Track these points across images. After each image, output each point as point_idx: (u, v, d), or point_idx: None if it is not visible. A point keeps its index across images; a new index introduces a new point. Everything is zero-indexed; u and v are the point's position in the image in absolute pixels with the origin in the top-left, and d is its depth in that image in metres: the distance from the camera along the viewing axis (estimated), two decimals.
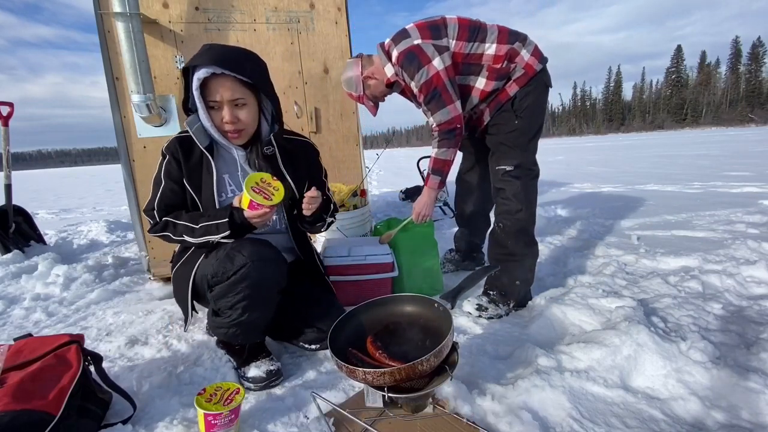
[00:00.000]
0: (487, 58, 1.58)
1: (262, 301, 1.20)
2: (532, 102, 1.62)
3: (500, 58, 1.58)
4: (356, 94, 1.74)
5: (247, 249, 1.16)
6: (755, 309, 1.51)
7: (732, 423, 0.97)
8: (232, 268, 1.14)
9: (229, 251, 1.17)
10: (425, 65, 1.52)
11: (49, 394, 0.93)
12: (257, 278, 1.15)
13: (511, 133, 1.64)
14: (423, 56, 1.52)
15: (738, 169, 6.50)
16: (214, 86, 1.16)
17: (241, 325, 1.20)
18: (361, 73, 1.69)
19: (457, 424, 0.98)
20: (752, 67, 70.78)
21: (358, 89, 1.72)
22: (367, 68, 1.70)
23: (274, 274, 1.20)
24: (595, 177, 6.72)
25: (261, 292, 1.18)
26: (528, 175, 1.66)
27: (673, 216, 3.29)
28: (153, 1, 2.28)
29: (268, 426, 1.06)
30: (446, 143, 1.59)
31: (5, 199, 2.88)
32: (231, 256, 1.15)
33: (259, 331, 1.28)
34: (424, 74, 1.52)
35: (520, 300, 1.70)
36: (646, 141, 24.61)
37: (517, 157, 1.64)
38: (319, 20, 2.55)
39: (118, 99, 2.27)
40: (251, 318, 1.20)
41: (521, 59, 1.59)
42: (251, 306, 1.18)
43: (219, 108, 1.20)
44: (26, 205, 3.20)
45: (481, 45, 1.58)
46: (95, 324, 1.82)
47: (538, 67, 1.61)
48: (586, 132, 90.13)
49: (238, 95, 1.19)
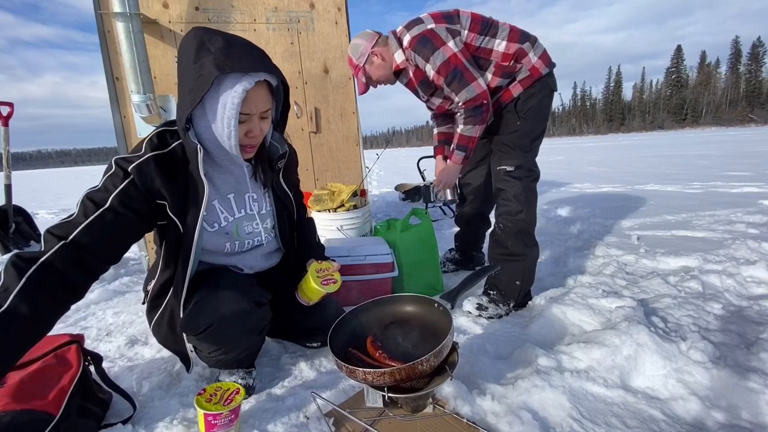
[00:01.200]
0: (496, 55, 1.58)
1: (239, 346, 1.15)
2: (535, 104, 1.62)
3: (509, 56, 1.58)
4: (356, 62, 1.70)
5: (211, 305, 1.05)
6: (755, 309, 1.51)
7: (732, 423, 0.97)
8: (198, 328, 1.05)
9: (193, 307, 1.07)
10: (440, 47, 1.50)
11: (49, 394, 0.93)
12: (226, 333, 1.08)
13: (513, 134, 1.64)
14: (437, 39, 1.51)
15: (738, 169, 6.50)
16: (252, 97, 0.97)
17: (224, 363, 1.17)
18: (371, 47, 1.66)
19: (457, 424, 0.98)
20: (752, 67, 70.80)
21: (360, 59, 1.68)
22: (379, 46, 1.67)
23: (246, 324, 1.11)
24: (595, 177, 6.72)
25: (234, 343, 1.12)
26: (529, 177, 1.66)
27: (673, 216, 3.29)
28: (153, 1, 2.28)
29: (268, 426, 1.06)
30: (472, 120, 1.56)
31: (5, 199, 2.88)
32: (195, 313, 1.06)
33: (247, 361, 1.23)
34: (441, 56, 1.50)
35: (520, 300, 1.70)
36: (646, 141, 24.61)
37: (519, 158, 1.64)
38: (319, 20, 2.55)
39: (118, 99, 2.27)
40: (233, 357, 1.16)
41: (528, 61, 1.58)
42: (229, 351, 1.13)
43: (247, 121, 1.01)
44: (26, 205, 3.20)
45: (492, 40, 1.57)
46: (95, 324, 1.82)
47: (544, 71, 1.60)
48: (586, 132, 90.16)
49: (269, 106, 1.04)
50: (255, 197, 1.22)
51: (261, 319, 1.17)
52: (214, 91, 0.94)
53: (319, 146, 2.72)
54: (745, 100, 69.14)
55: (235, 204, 1.18)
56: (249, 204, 1.21)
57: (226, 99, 0.93)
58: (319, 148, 2.72)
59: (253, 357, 1.28)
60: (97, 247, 0.90)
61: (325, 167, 2.76)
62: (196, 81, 0.91)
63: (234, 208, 1.17)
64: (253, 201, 1.22)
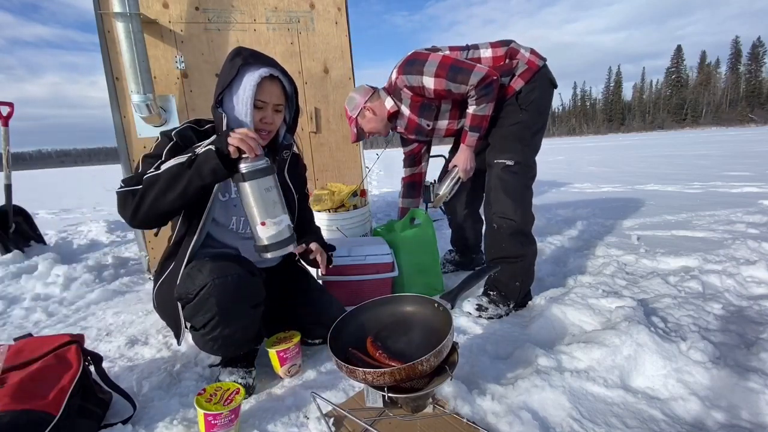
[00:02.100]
0: (486, 61, 1.63)
1: (234, 317, 1.13)
2: (537, 97, 1.63)
3: (500, 58, 1.63)
4: (350, 113, 1.84)
5: (207, 267, 1.10)
6: (755, 309, 1.51)
7: (732, 423, 0.97)
8: (194, 288, 1.09)
9: (190, 270, 1.12)
10: (428, 58, 1.58)
11: (49, 394, 0.93)
12: (221, 296, 1.08)
13: (514, 126, 1.64)
14: (422, 55, 1.60)
15: (738, 169, 6.50)
16: (267, 87, 1.21)
17: (218, 340, 1.14)
18: (364, 102, 1.79)
19: (457, 424, 0.98)
20: (752, 67, 70.83)
21: (354, 112, 1.82)
22: (372, 101, 1.79)
23: (241, 289, 1.13)
24: (595, 177, 6.72)
25: (229, 309, 1.11)
26: (526, 174, 1.65)
27: (673, 216, 3.29)
28: (153, 1, 2.28)
29: (268, 426, 1.06)
30: (485, 99, 1.56)
31: (5, 199, 2.87)
32: (192, 275, 1.11)
33: (242, 343, 1.21)
34: (432, 63, 1.56)
35: (520, 300, 1.70)
36: (646, 141, 24.62)
37: (518, 153, 1.63)
38: (319, 20, 2.55)
39: (118, 99, 2.27)
40: (227, 333, 1.14)
41: (522, 56, 1.62)
42: (223, 322, 1.11)
43: (263, 108, 1.22)
44: (26, 205, 3.19)
45: (477, 51, 1.65)
46: (95, 324, 1.82)
47: (540, 63, 1.64)
48: (586, 132, 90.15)
49: (282, 101, 1.27)
50: None
51: (255, 287, 1.18)
52: (239, 78, 1.17)
53: (319, 146, 2.72)
54: (745, 100, 69.15)
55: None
56: None
57: (247, 83, 1.17)
58: (319, 148, 2.72)
59: (251, 341, 1.26)
60: None
61: (325, 167, 2.76)
62: (228, 71, 1.18)
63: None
64: None
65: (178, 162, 1.07)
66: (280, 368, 1.28)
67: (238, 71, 1.16)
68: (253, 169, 1.03)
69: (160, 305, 1.27)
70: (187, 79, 2.38)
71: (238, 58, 1.18)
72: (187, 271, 1.14)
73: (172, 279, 1.18)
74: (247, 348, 1.26)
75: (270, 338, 1.31)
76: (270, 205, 1.05)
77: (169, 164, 1.07)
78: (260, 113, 1.22)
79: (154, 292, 1.28)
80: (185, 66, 2.35)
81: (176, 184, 1.05)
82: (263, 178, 1.04)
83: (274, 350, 1.25)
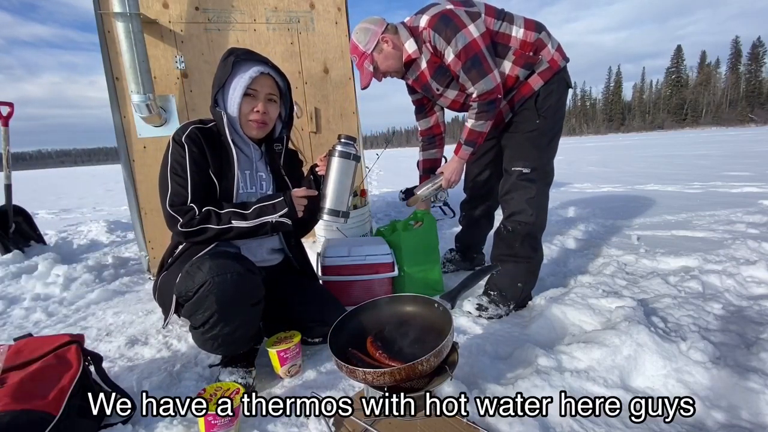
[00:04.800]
0: (515, 41, 1.54)
1: (233, 315, 1.14)
2: (555, 102, 1.60)
3: (529, 45, 1.54)
4: (363, 48, 1.55)
5: (206, 265, 1.10)
6: (755, 309, 1.51)
7: (732, 423, 0.97)
8: (193, 286, 1.10)
9: (189, 268, 1.13)
10: (462, 29, 1.43)
11: (50, 394, 0.93)
12: (221, 294, 1.09)
13: (531, 132, 1.61)
14: (458, 20, 1.44)
15: (738, 169, 6.50)
16: (259, 80, 1.29)
17: (218, 338, 1.14)
18: (381, 32, 1.54)
19: (457, 424, 0.98)
20: (752, 67, 70.75)
21: (369, 46, 1.54)
22: (390, 33, 1.55)
23: (240, 287, 1.13)
24: (595, 177, 6.72)
25: (228, 307, 1.11)
26: (543, 180, 1.64)
27: (673, 216, 3.29)
28: (153, 1, 2.28)
29: (268, 426, 1.06)
30: (485, 115, 1.52)
31: (5, 199, 2.87)
32: (191, 273, 1.11)
33: (241, 341, 1.21)
34: (462, 39, 1.43)
35: (520, 300, 1.70)
36: (646, 141, 24.61)
37: (535, 160, 1.61)
38: (319, 20, 2.55)
39: (118, 99, 2.27)
40: (227, 331, 1.14)
41: (547, 52, 1.56)
42: (222, 320, 1.12)
43: (255, 97, 1.30)
44: (26, 205, 3.19)
45: (510, 26, 1.54)
46: (95, 324, 1.82)
47: (562, 63, 1.59)
48: (586, 132, 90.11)
49: (274, 91, 1.35)
50: (263, 177, 1.43)
51: (254, 285, 1.18)
52: (232, 76, 1.27)
53: (319, 146, 2.72)
54: (745, 100, 69.11)
55: (249, 179, 1.39)
56: (258, 182, 1.42)
57: (240, 79, 1.26)
58: (319, 148, 2.72)
59: (250, 340, 1.26)
60: (206, 194, 1.26)
61: None
62: (222, 70, 1.27)
63: (248, 182, 1.39)
64: (262, 180, 1.43)
65: (252, 225, 1.23)
66: (280, 368, 1.28)
67: (232, 69, 1.25)
68: (351, 153, 1.31)
69: (160, 292, 1.30)
70: (187, 79, 2.38)
71: (232, 56, 1.26)
72: (186, 269, 1.14)
73: (177, 271, 1.20)
74: (247, 347, 1.26)
75: (270, 338, 1.32)
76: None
77: (239, 226, 1.22)
78: (252, 101, 1.30)
79: (159, 280, 1.31)
80: (185, 66, 2.35)
81: (242, 237, 1.27)
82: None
83: (275, 350, 1.25)
